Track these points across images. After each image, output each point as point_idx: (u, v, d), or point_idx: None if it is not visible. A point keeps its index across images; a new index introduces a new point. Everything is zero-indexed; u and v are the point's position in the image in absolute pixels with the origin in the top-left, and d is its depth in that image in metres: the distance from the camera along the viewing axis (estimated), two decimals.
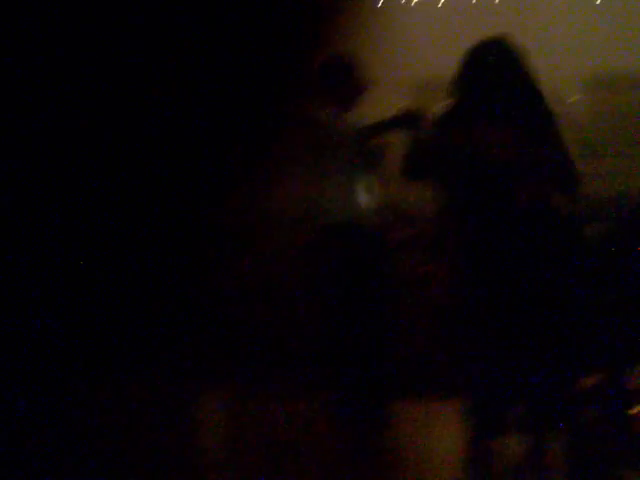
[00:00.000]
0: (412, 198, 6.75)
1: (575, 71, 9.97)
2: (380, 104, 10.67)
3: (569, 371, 4.41)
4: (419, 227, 6.25)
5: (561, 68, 7.02)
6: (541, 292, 3.94)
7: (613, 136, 9.62)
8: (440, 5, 12.28)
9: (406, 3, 12.73)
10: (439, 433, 4.88)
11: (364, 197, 5.05)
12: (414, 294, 5.91)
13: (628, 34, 10.42)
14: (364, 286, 4.99)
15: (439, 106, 4.17)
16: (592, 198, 5.89)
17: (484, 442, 4.33)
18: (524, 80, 4.07)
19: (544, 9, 11.32)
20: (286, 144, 7.22)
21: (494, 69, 4.05)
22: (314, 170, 5.09)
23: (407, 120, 4.85)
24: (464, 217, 4.04)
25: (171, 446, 4.81)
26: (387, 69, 11.94)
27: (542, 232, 4.00)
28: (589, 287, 4.81)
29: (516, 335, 4.00)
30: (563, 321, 4.17)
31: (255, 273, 6.75)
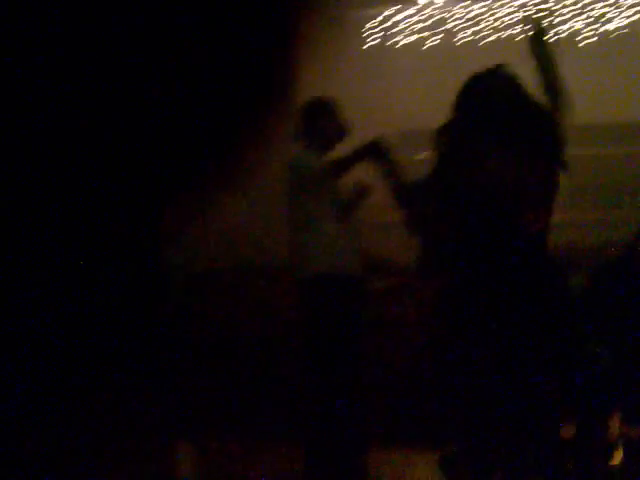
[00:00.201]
0: (396, 244, 6.73)
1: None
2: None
3: (549, 421, 4.34)
4: (404, 274, 6.21)
5: None
6: (524, 340, 3.86)
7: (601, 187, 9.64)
8: (425, 48, 12.39)
9: (392, 45, 12.84)
10: None
11: (347, 245, 4.94)
12: (397, 343, 5.84)
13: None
14: (346, 336, 4.90)
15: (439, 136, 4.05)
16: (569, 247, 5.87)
17: None
18: (526, 104, 3.98)
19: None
20: (265, 188, 7.19)
21: (496, 95, 3.97)
22: (295, 216, 5.00)
23: (374, 151, 4.77)
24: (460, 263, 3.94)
25: None
26: (372, 112, 11.98)
27: (529, 290, 3.88)
28: (568, 337, 4.76)
29: (497, 384, 3.92)
30: (543, 371, 4.11)
31: (237, 324, 6.67)
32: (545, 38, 4.19)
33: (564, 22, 11.25)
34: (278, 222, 5.34)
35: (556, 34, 11.28)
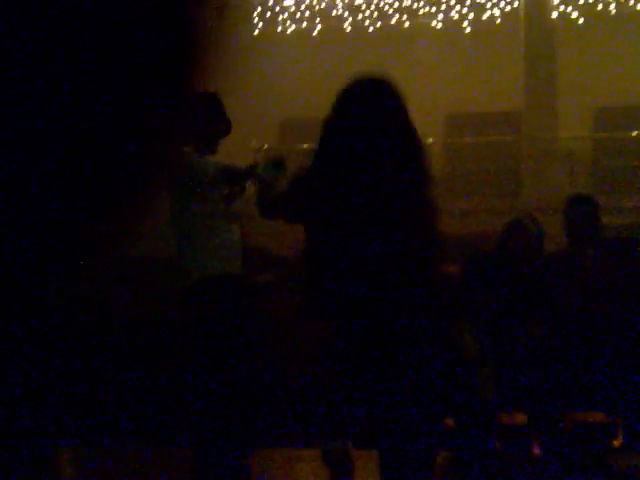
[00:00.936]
0: (276, 241, 6.72)
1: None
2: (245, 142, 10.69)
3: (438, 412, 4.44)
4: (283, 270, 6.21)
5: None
6: (412, 330, 3.88)
7: (470, 176, 9.81)
8: (315, 33, 12.42)
9: (282, 32, 12.83)
10: None
11: (233, 244, 4.91)
12: (276, 339, 5.85)
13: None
14: (234, 336, 4.89)
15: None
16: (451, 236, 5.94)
17: None
18: (401, 122, 3.78)
19: (416, 38, 11.52)
20: (147, 188, 7.10)
21: (370, 109, 3.61)
22: (178, 217, 4.93)
23: (252, 173, 4.79)
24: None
25: None
26: (261, 102, 11.96)
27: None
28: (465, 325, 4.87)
29: (387, 375, 3.94)
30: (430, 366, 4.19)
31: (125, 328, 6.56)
32: None
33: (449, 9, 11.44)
34: None
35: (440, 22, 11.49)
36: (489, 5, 11.29)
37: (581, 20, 11.09)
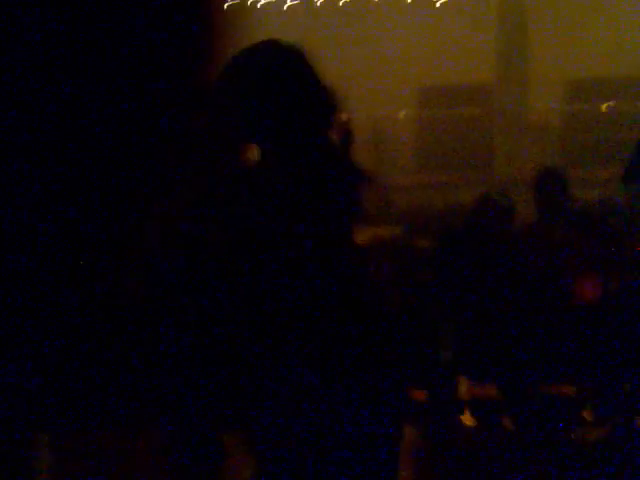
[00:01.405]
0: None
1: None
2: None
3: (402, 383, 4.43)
4: None
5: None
6: (369, 305, 3.80)
7: (446, 149, 9.80)
8: (286, 8, 12.32)
9: (252, 5, 12.71)
10: None
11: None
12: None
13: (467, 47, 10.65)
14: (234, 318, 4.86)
15: None
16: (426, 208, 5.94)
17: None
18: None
19: (386, 11, 11.46)
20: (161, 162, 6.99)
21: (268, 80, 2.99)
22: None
23: None
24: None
25: None
26: None
27: None
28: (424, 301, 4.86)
29: (349, 351, 3.89)
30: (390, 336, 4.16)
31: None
32: None
33: None
34: None
35: None
36: None
37: None
